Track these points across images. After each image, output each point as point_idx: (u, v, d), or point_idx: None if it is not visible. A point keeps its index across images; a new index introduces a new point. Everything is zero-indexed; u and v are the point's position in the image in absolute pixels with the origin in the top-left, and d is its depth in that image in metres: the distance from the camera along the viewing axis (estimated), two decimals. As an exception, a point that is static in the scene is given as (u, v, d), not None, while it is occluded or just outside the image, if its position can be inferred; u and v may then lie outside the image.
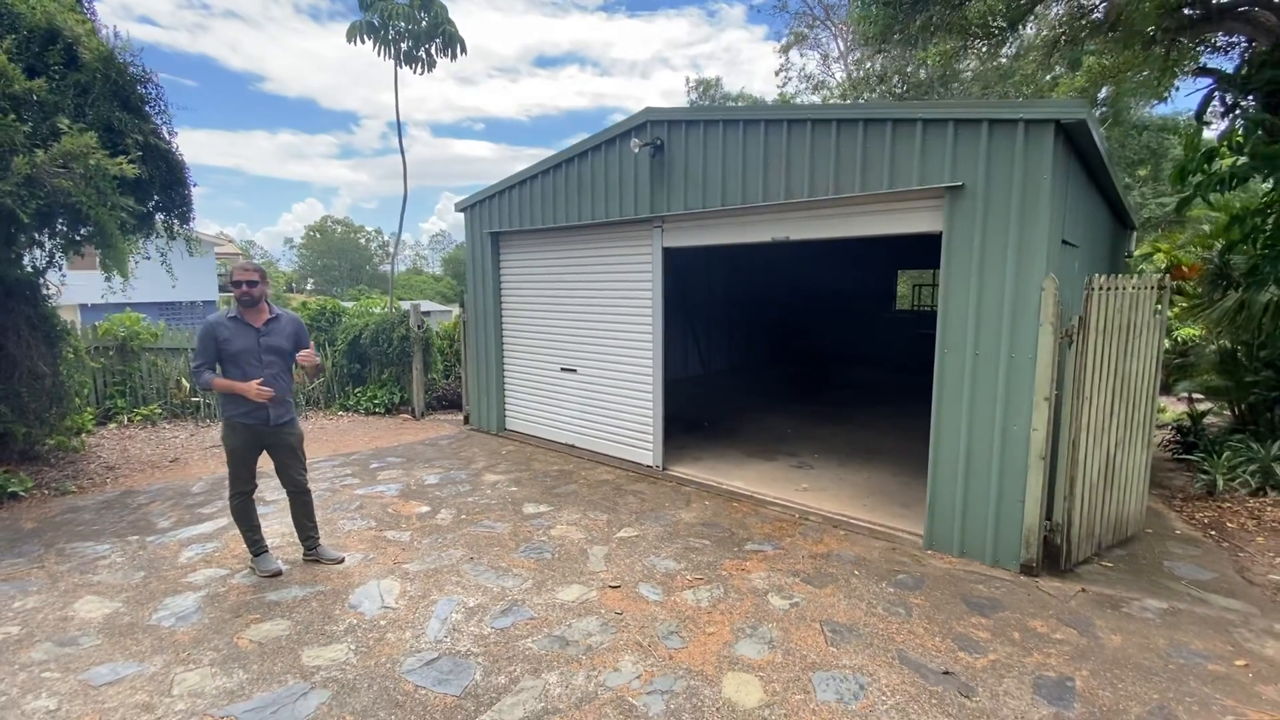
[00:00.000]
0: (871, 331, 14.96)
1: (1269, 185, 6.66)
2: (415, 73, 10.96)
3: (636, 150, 6.44)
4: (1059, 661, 3.34)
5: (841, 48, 25.70)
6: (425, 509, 5.67)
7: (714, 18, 78.86)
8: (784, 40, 26.60)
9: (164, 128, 6.34)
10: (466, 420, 9.24)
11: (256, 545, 4.41)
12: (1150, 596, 4.07)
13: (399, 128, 11.79)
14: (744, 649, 3.46)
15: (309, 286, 66.54)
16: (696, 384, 12.45)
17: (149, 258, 6.82)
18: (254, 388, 3.97)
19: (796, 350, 15.98)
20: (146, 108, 6.15)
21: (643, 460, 6.97)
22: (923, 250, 4.37)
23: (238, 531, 5.07)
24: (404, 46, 10.67)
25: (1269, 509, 5.54)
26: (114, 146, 5.58)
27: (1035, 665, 3.31)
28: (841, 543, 4.93)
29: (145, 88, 6.14)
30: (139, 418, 9.14)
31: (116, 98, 5.82)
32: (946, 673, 3.23)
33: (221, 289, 27.28)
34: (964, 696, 3.06)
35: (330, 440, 8.46)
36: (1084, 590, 4.14)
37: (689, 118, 6.21)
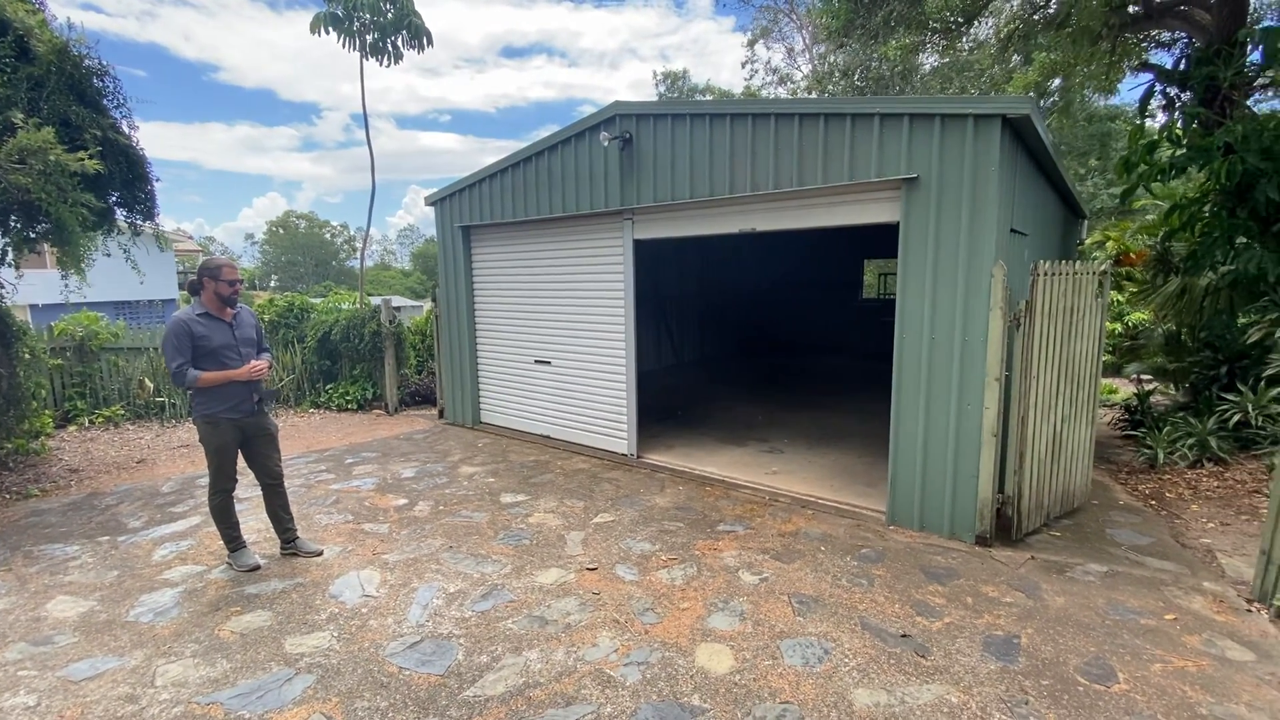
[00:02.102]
0: (839, 320, 15.31)
1: (1204, 175, 7.05)
2: (382, 65, 10.81)
3: (606, 143, 6.53)
4: (1007, 622, 3.59)
5: (806, 41, 26.03)
6: (403, 501, 5.72)
7: (682, 8, 78.81)
8: (750, 34, 26.84)
9: (123, 121, 6.22)
10: (441, 414, 9.26)
11: (235, 541, 4.42)
12: (1093, 561, 4.37)
13: (365, 121, 11.62)
14: (716, 622, 3.63)
15: (273, 283, 64.93)
16: (669, 374, 12.63)
17: (109, 255, 6.69)
18: (249, 368, 4.07)
19: (767, 339, 16.28)
20: (104, 101, 6.03)
21: (617, 449, 7.11)
22: (886, 240, 4.57)
23: (213, 529, 5.07)
24: (370, 38, 10.51)
25: (1204, 479, 5.93)
26: (72, 141, 5.47)
27: (985, 626, 3.55)
28: (809, 521, 5.14)
29: (102, 81, 6.02)
30: (101, 419, 8.95)
31: (73, 91, 5.70)
32: (904, 636, 3.45)
33: (181, 287, 26.54)
34: (920, 656, 3.27)
35: (303, 437, 8.40)
36: (1033, 558, 4.42)
37: (657, 111, 6.33)
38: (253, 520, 5.18)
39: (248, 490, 6.06)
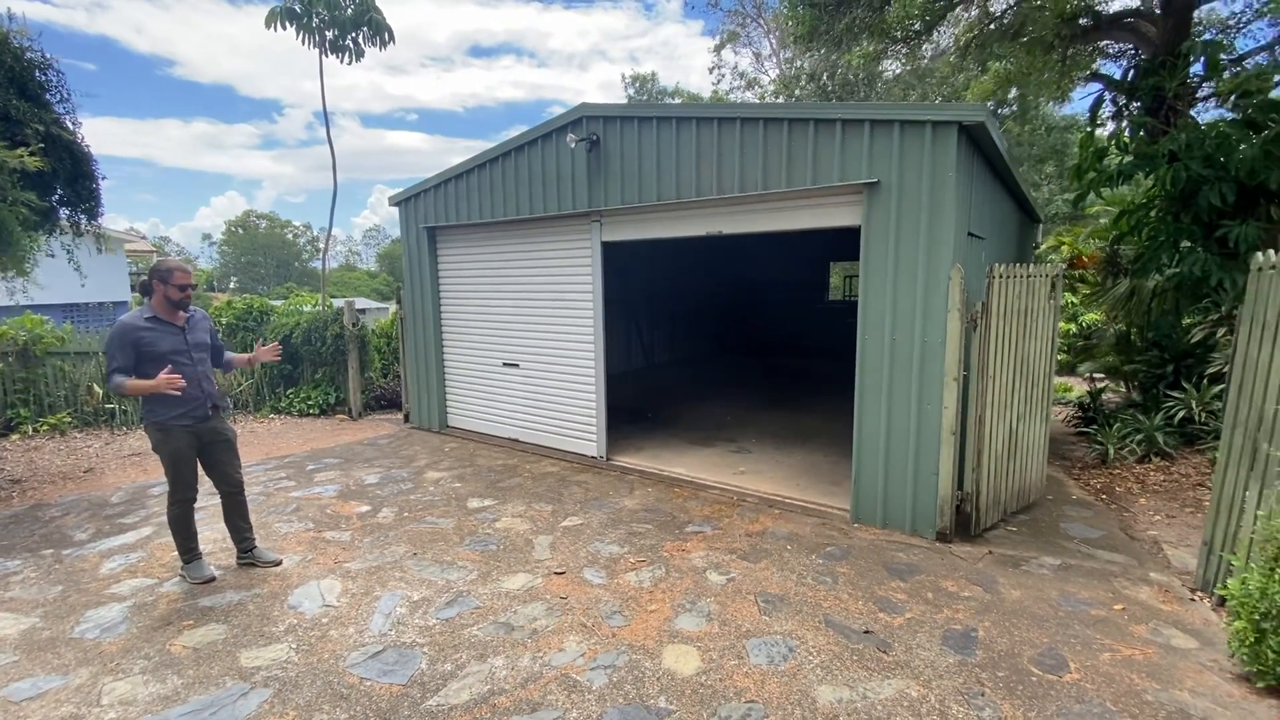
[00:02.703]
0: (807, 321, 15.54)
1: (1150, 181, 7.35)
2: (342, 62, 10.57)
3: (573, 145, 6.51)
4: (966, 616, 3.68)
5: (773, 45, 26.36)
6: (366, 508, 5.61)
7: (651, 11, 79.11)
8: (718, 38, 27.07)
9: (67, 117, 5.98)
10: (407, 419, 9.11)
11: (190, 553, 4.26)
12: (1047, 555, 4.50)
13: (325, 119, 11.37)
14: (683, 623, 3.64)
15: (232, 285, 63.09)
16: (640, 376, 12.64)
17: (53, 255, 6.42)
18: (164, 379, 3.69)
19: (736, 341, 16.42)
20: (47, 95, 5.79)
21: (587, 452, 7.08)
22: (852, 243, 4.66)
23: (165, 540, 4.91)
24: (329, 35, 10.24)
25: (1152, 474, 6.17)
26: (12, 137, 5.24)
27: (945, 620, 3.63)
28: (776, 521, 5.19)
29: (45, 74, 5.78)
30: (46, 427, 8.56)
31: (13, 85, 5.46)
32: (867, 632, 3.51)
33: (133, 288, 25.60)
34: (882, 652, 3.33)
35: (262, 444, 8.17)
36: (990, 552, 4.54)
37: (624, 114, 6.33)
38: (209, 530, 5.01)
39: (205, 499, 5.88)
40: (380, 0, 10.50)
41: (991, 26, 10.33)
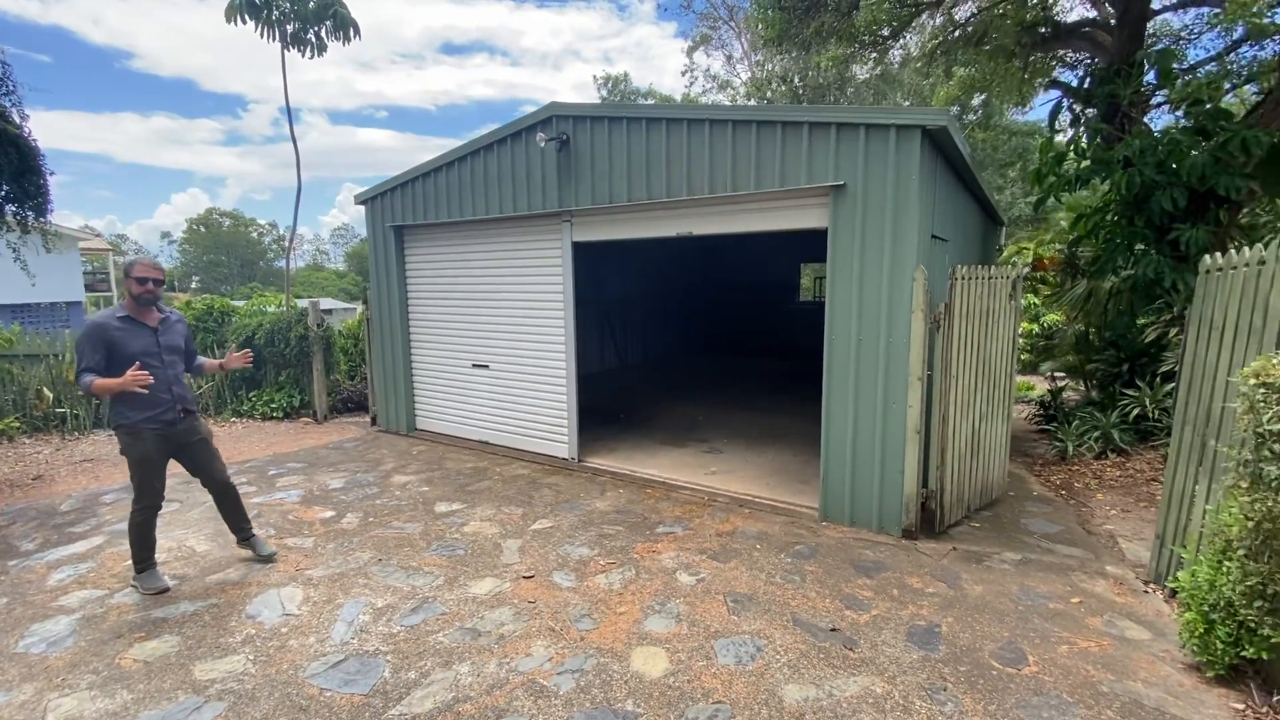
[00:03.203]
0: (778, 322, 15.67)
1: (1107, 186, 7.58)
2: (305, 56, 10.32)
3: (543, 145, 6.46)
4: (930, 612, 3.74)
5: (745, 48, 26.57)
6: (330, 514, 5.48)
7: (624, 12, 79.18)
8: (690, 40, 27.19)
9: (13, 110, 5.73)
10: (374, 421, 8.94)
11: (145, 562, 4.10)
12: (1008, 550, 4.60)
13: (289, 114, 11.10)
14: (652, 624, 3.63)
15: (194, 285, 61.32)
16: (612, 376, 12.61)
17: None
18: (129, 377, 3.59)
19: (709, 341, 16.50)
20: (-10, 87, 5.54)
21: (558, 453, 7.03)
22: (821, 244, 4.73)
23: (116, 549, 4.75)
24: (290, 28, 9.98)
25: (1108, 469, 6.35)
26: (-50, 130, 5.00)
27: (909, 616, 3.68)
28: (746, 520, 5.21)
29: (-13, 65, 5.53)
30: (-8, 433, 8.20)
31: (-49, 75, 5.21)
32: (833, 630, 3.54)
33: (88, 288, 24.71)
34: (848, 649, 3.37)
35: (223, 448, 7.88)
36: (954, 549, 4.62)
37: (594, 114, 6.30)
38: (163, 538, 4.84)
39: (167, 505, 5.68)
40: (348, -4, 10.29)
41: (956, 33, 10.56)
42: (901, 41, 12.02)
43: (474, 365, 7.75)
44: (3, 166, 5.59)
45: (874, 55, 12.24)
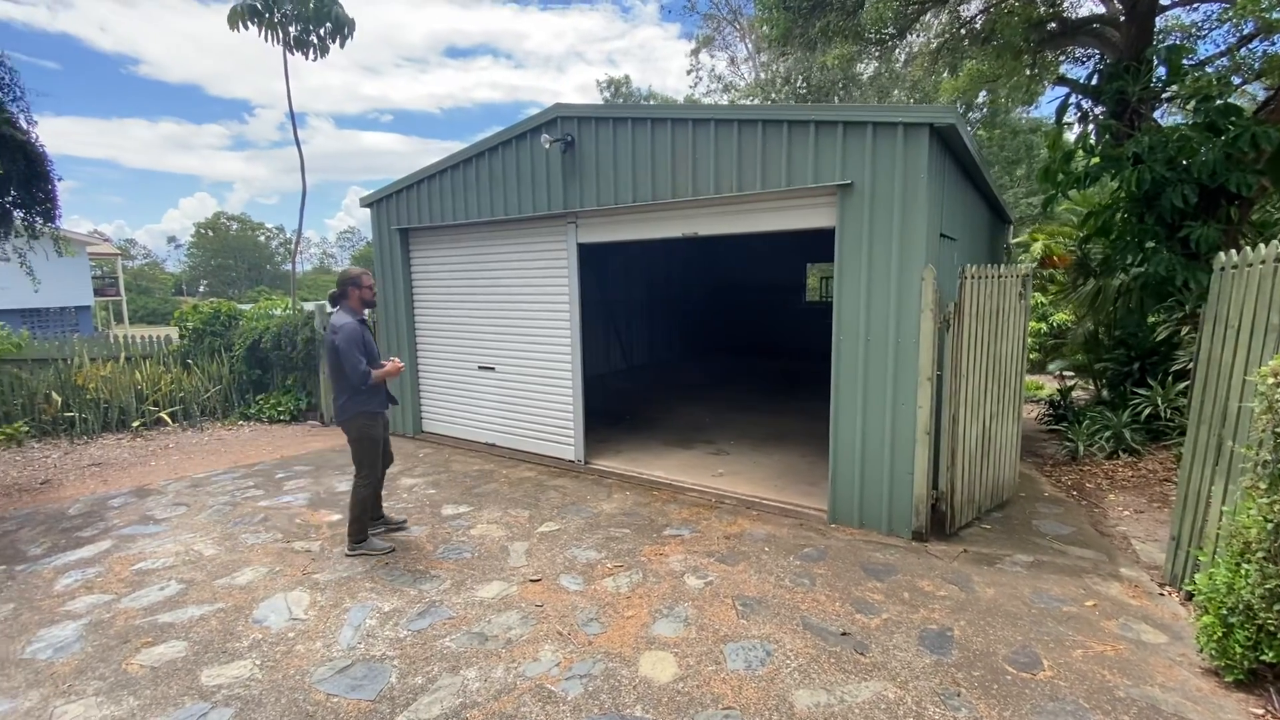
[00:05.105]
0: (785, 323, 15.61)
1: (1116, 184, 7.50)
2: (307, 59, 10.34)
3: (548, 146, 6.44)
4: (941, 615, 3.69)
5: (749, 49, 26.52)
6: (336, 517, 5.47)
7: (628, 14, 79.21)
8: (694, 41, 27.16)
9: (20, 116, 5.75)
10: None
11: (363, 532, 4.69)
12: (1020, 552, 4.55)
13: (292, 119, 11.12)
14: (661, 629, 3.60)
15: (202, 289, 61.70)
16: (619, 378, 12.58)
17: (7, 259, 6.17)
18: (396, 365, 4.56)
19: (715, 342, 16.45)
20: (-3, 93, 5.56)
21: (564, 455, 7.01)
22: (828, 244, 4.70)
23: (123, 554, 4.77)
24: (293, 31, 10.00)
25: (1120, 470, 6.28)
26: (-42, 136, 5.02)
27: (921, 620, 3.64)
28: (754, 522, 5.17)
29: (-5, 71, 5.55)
30: (1, 438, 8.23)
31: (-41, 82, 5.23)
32: (844, 634, 3.50)
33: (97, 292, 24.85)
34: (859, 654, 3.32)
35: (230, 452, 7.95)
36: (965, 551, 4.57)
37: (599, 114, 6.28)
38: (170, 544, 4.85)
39: (165, 510, 5.70)
40: (351, 0, 10.32)
41: (962, 31, 10.48)
42: (907, 40, 11.96)
43: (480, 367, 7.74)
44: (10, 173, 5.61)
45: (879, 54, 12.17)
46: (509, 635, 3.57)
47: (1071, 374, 9.59)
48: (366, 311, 4.71)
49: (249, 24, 9.79)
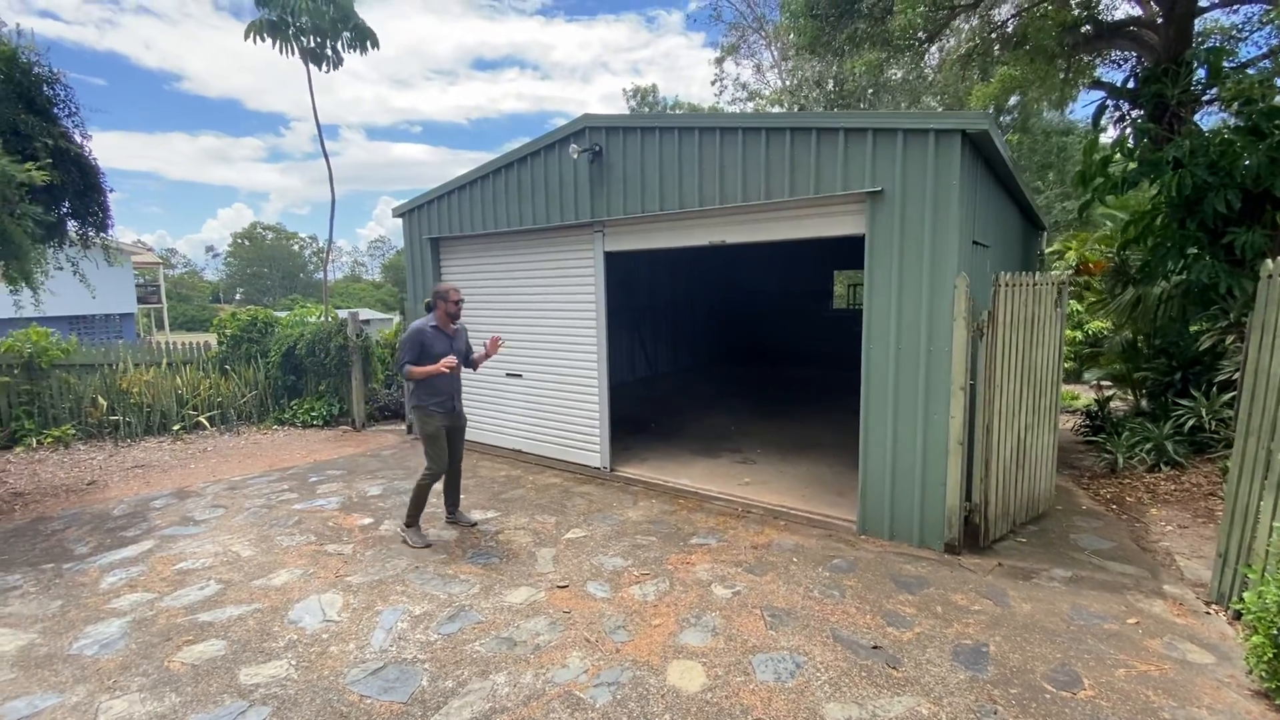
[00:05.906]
0: (810, 330, 15.46)
1: (1155, 189, 7.31)
2: (323, 71, 10.54)
3: (575, 156, 6.52)
4: (976, 630, 3.61)
5: (774, 57, 26.48)
6: (368, 521, 5.57)
7: (653, 24, 79.81)
8: (719, 50, 27.20)
9: (75, 131, 6.02)
10: (410, 430, 9.08)
11: (414, 518, 5.04)
12: (1058, 566, 4.43)
13: (318, 129, 11.43)
14: (688, 638, 3.58)
15: (238, 296, 63.47)
16: (643, 386, 12.59)
17: (61, 269, 6.43)
18: (443, 363, 4.71)
19: (740, 350, 16.37)
20: (55, 109, 5.83)
21: (590, 462, 7.04)
22: (856, 251, 4.67)
23: (165, 553, 4.90)
24: (309, 43, 10.18)
25: (1162, 483, 6.08)
26: (21, 151, 5.27)
27: (955, 635, 3.56)
28: (781, 532, 5.13)
29: (53, 89, 5.83)
30: (50, 440, 8.57)
31: (21, 99, 5.50)
32: (875, 647, 3.44)
33: (140, 300, 25.70)
34: (891, 668, 3.27)
35: (265, 455, 8.15)
36: (1000, 564, 4.47)
37: (626, 124, 6.34)
38: (209, 544, 4.98)
39: (205, 511, 5.86)
40: (381, 14, 10.63)
41: (994, 36, 10.35)
42: (938, 44, 11.84)
43: (508, 375, 7.82)
44: (66, 185, 5.86)
45: (909, 59, 12.07)
46: (537, 641, 3.59)
47: (1109, 383, 9.32)
48: (455, 324, 5.08)
49: (264, 37, 10.06)
